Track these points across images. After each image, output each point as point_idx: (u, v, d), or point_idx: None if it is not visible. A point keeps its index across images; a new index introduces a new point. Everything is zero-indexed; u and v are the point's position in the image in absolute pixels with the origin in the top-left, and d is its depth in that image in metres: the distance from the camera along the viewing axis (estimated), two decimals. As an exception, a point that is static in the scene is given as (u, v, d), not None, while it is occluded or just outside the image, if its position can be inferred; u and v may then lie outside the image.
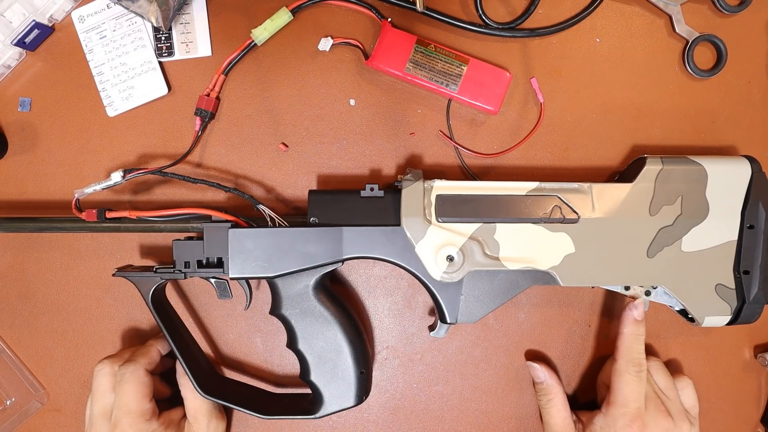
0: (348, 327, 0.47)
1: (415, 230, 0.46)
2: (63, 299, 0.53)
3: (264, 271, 0.46)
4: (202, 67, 0.52)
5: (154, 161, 0.53)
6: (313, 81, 0.52)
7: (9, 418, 0.53)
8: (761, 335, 0.54)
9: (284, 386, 0.53)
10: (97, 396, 0.47)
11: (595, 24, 0.53)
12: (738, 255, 0.47)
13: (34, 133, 0.53)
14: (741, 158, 0.48)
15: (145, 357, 0.48)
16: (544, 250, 0.46)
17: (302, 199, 0.53)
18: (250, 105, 0.52)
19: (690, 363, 0.54)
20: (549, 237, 0.46)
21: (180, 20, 0.52)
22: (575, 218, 0.46)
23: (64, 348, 0.53)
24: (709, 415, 0.54)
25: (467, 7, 0.53)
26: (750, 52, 0.54)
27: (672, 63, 0.54)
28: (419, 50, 0.50)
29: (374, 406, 0.54)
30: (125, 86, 0.52)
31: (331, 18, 0.52)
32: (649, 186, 0.47)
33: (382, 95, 0.53)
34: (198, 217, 0.47)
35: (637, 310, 0.48)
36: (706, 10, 0.53)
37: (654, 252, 0.47)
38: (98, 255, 0.53)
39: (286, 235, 0.46)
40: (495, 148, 0.53)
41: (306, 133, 0.53)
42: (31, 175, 0.53)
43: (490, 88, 0.50)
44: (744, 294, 0.47)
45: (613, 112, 0.53)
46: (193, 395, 0.48)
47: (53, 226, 0.49)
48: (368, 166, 0.53)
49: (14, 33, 0.50)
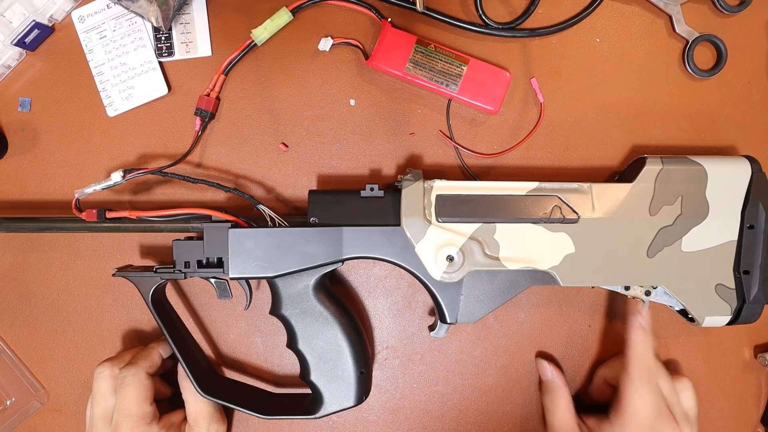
0: (348, 327, 0.47)
1: (415, 230, 0.46)
2: (63, 299, 0.53)
3: (264, 271, 0.46)
4: (202, 67, 0.52)
5: (154, 161, 0.53)
6: (313, 81, 0.52)
7: (9, 418, 0.53)
8: (761, 335, 0.54)
9: (284, 386, 0.53)
10: (98, 399, 0.47)
11: (595, 24, 0.53)
12: (738, 255, 0.47)
13: (34, 133, 0.53)
14: (741, 158, 0.48)
15: (147, 360, 0.48)
16: (544, 250, 0.46)
17: (302, 199, 0.53)
18: (250, 105, 0.52)
19: (690, 363, 0.54)
20: (549, 237, 0.46)
21: (180, 20, 0.52)
22: (575, 218, 0.46)
23: (64, 348, 0.53)
24: (709, 415, 0.54)
25: (467, 7, 0.53)
26: (750, 52, 0.54)
27: (672, 63, 0.54)
28: (419, 50, 0.50)
29: (374, 406, 0.54)
30: (125, 86, 0.52)
31: (331, 18, 0.52)
32: (649, 186, 0.47)
33: (382, 95, 0.53)
34: (198, 217, 0.47)
35: (643, 317, 0.47)
36: (706, 10, 0.53)
37: (654, 252, 0.47)
38: (98, 255, 0.53)
39: (286, 235, 0.46)
40: (495, 148, 0.53)
41: (306, 133, 0.53)
42: (31, 175, 0.53)
43: (490, 88, 0.50)
44: (744, 294, 0.47)
45: (613, 112, 0.53)
46: (194, 398, 0.48)
47: (53, 226, 0.49)
48: (368, 166, 0.53)
49: (14, 33, 0.50)
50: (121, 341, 0.53)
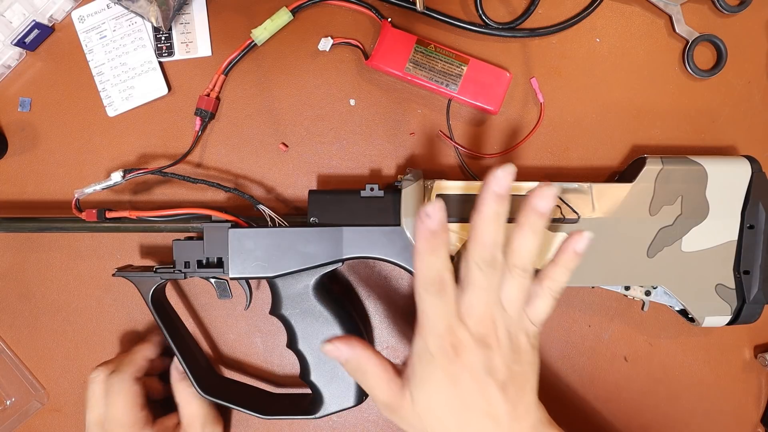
0: (348, 327, 0.47)
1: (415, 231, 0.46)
2: (63, 299, 0.53)
3: (264, 271, 0.46)
4: (202, 67, 0.52)
5: (154, 161, 0.53)
6: (313, 81, 0.52)
7: (9, 418, 0.53)
8: (761, 335, 0.54)
9: (284, 386, 0.53)
10: (91, 404, 0.47)
11: (595, 24, 0.53)
12: (738, 255, 0.47)
13: (34, 133, 0.53)
14: (741, 158, 0.48)
15: (131, 365, 0.47)
16: (544, 250, 0.46)
17: (302, 199, 0.53)
18: (250, 105, 0.52)
19: (690, 363, 0.54)
20: (549, 237, 0.46)
21: (180, 20, 0.52)
22: (575, 218, 0.46)
23: (64, 348, 0.53)
24: (709, 415, 0.54)
25: (467, 7, 0.53)
26: (750, 52, 0.54)
27: (672, 63, 0.54)
28: (419, 50, 0.50)
29: (374, 406, 0.54)
30: (125, 86, 0.52)
31: (331, 18, 0.52)
32: (649, 186, 0.47)
33: (382, 95, 0.53)
34: (198, 217, 0.47)
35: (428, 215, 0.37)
36: (706, 10, 0.53)
37: (654, 252, 0.47)
38: (98, 255, 0.53)
39: (286, 235, 0.46)
40: (495, 148, 0.53)
41: (306, 133, 0.53)
42: (31, 175, 0.53)
43: (490, 88, 0.50)
44: (744, 294, 0.47)
45: (613, 112, 0.53)
46: (186, 401, 0.48)
47: (53, 226, 0.49)
48: (368, 166, 0.53)
49: (14, 33, 0.50)
50: (121, 341, 0.53)
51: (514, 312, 0.40)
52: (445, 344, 0.38)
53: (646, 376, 0.54)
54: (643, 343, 0.54)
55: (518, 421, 0.39)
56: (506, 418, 0.38)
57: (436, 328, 0.39)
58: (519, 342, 0.40)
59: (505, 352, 0.39)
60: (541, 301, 0.41)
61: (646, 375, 0.54)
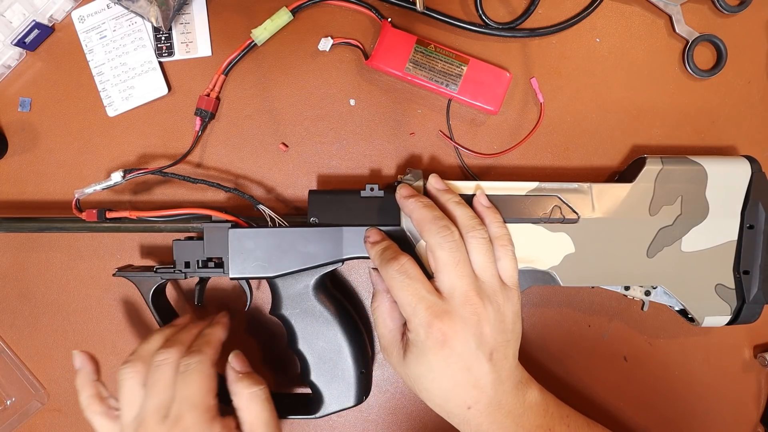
0: (348, 327, 0.47)
1: (415, 230, 0.46)
2: (63, 299, 0.53)
3: (264, 271, 0.46)
4: (202, 67, 0.52)
5: (154, 161, 0.53)
6: (313, 81, 0.52)
7: (9, 418, 0.53)
8: (761, 335, 0.54)
9: (284, 386, 0.53)
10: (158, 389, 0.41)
11: (595, 24, 0.53)
12: (738, 255, 0.47)
13: (34, 133, 0.53)
14: (741, 158, 0.48)
15: (210, 348, 0.43)
16: (544, 250, 0.46)
17: (302, 199, 0.53)
18: (250, 105, 0.52)
19: (690, 363, 0.54)
20: (549, 237, 0.46)
21: (180, 20, 0.52)
22: (575, 218, 0.46)
23: (64, 348, 0.53)
24: (709, 415, 0.54)
25: (467, 7, 0.53)
26: (750, 52, 0.54)
27: (672, 63, 0.54)
28: (419, 50, 0.50)
29: (374, 406, 0.54)
30: (125, 86, 0.52)
31: (331, 18, 0.52)
32: (649, 186, 0.47)
33: (382, 95, 0.53)
34: (198, 217, 0.47)
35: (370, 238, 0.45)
36: (706, 10, 0.53)
37: (654, 252, 0.47)
38: (98, 255, 0.53)
39: (286, 235, 0.46)
40: (495, 148, 0.53)
41: (306, 133, 0.53)
42: (31, 175, 0.53)
43: (490, 88, 0.50)
44: (744, 294, 0.47)
45: (613, 112, 0.53)
46: (245, 405, 0.42)
47: (53, 226, 0.49)
48: (368, 166, 0.53)
49: (14, 33, 0.50)
50: (121, 341, 0.53)
51: (489, 277, 0.42)
52: (435, 333, 0.40)
53: (646, 375, 0.54)
54: (643, 343, 0.54)
55: (501, 383, 0.42)
56: (491, 385, 0.41)
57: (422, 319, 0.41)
58: (503, 308, 0.42)
59: (492, 320, 0.41)
60: (504, 261, 0.43)
61: (646, 375, 0.54)
